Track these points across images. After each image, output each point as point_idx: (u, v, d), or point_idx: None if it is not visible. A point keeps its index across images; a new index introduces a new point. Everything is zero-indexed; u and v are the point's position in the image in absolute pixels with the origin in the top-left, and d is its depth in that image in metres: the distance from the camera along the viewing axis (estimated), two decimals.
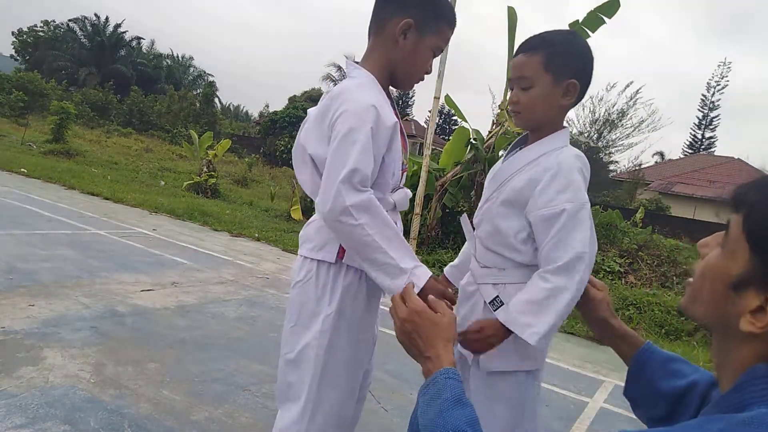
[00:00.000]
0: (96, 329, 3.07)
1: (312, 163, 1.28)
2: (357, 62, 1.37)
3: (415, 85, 1.40)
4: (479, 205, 1.43)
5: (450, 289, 1.26)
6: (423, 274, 1.16)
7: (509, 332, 1.23)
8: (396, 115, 1.31)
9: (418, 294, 1.04)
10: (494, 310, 1.29)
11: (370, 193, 1.17)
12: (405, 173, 1.43)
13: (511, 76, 1.32)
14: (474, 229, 1.44)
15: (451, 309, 1.08)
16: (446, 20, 1.31)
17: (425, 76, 1.38)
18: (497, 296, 1.30)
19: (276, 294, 4.71)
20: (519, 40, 6.32)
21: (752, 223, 0.62)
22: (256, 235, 7.82)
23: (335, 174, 1.15)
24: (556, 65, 1.24)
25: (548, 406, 3.15)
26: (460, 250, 1.49)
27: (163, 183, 12.31)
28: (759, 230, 0.61)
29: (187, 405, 2.36)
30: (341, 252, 1.27)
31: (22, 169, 9.93)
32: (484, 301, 1.33)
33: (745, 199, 0.63)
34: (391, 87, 1.39)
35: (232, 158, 22.04)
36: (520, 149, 1.36)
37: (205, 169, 12.18)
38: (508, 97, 1.38)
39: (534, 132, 1.34)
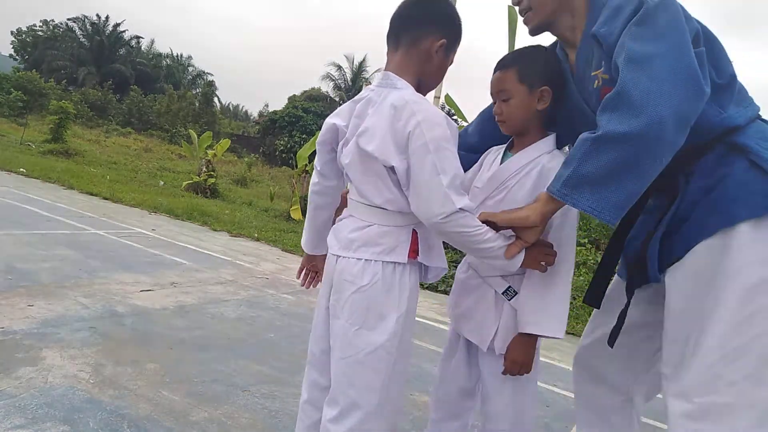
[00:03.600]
0: (95, 329, 3.07)
1: (388, 175, 1.33)
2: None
3: None
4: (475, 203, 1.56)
5: None
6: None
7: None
8: None
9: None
10: (509, 300, 1.46)
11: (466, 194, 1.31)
12: None
13: (492, 91, 1.51)
14: None
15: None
16: (460, 39, 1.46)
17: None
18: (509, 286, 1.46)
19: (275, 294, 4.71)
20: (519, 40, 6.26)
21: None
22: (256, 235, 7.82)
23: (438, 182, 1.24)
24: (528, 76, 1.45)
25: (548, 406, 3.14)
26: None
27: (162, 183, 12.30)
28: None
29: (187, 405, 2.36)
30: (411, 252, 1.36)
31: (21, 169, 9.92)
32: (495, 291, 1.48)
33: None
34: None
35: (231, 158, 22.04)
36: (509, 152, 1.56)
37: (204, 169, 12.18)
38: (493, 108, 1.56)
39: (520, 137, 1.53)
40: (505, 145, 1.60)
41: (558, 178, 1.22)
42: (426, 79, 1.44)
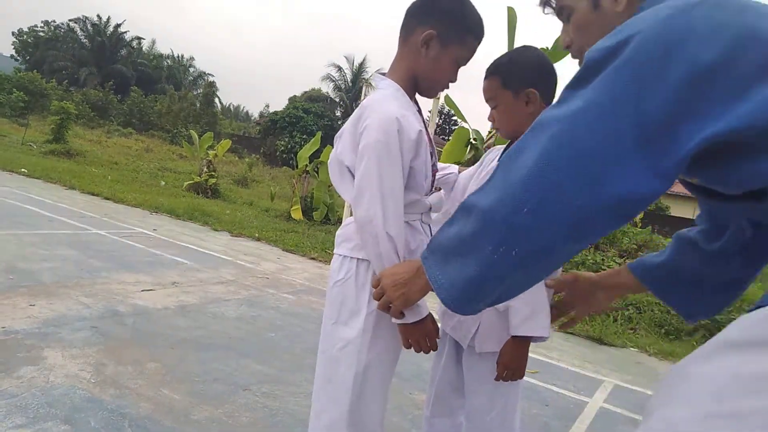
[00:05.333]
0: (96, 329, 3.08)
1: (350, 174, 1.31)
2: (383, 73, 1.41)
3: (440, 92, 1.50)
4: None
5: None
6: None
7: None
8: (422, 122, 1.35)
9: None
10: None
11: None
12: (435, 176, 1.49)
13: (484, 98, 1.51)
14: None
15: None
16: (472, 32, 1.33)
17: (450, 84, 1.41)
18: None
19: (276, 294, 4.72)
20: (519, 40, 6.30)
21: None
22: (257, 235, 7.83)
23: (365, 185, 1.22)
24: (511, 81, 1.44)
25: (548, 405, 3.15)
26: None
27: (163, 183, 12.32)
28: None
29: (188, 405, 2.37)
30: None
31: (23, 170, 9.94)
32: None
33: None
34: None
35: (232, 158, 22.05)
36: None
37: (205, 169, 12.20)
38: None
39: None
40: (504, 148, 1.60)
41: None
42: (421, 77, 1.35)
